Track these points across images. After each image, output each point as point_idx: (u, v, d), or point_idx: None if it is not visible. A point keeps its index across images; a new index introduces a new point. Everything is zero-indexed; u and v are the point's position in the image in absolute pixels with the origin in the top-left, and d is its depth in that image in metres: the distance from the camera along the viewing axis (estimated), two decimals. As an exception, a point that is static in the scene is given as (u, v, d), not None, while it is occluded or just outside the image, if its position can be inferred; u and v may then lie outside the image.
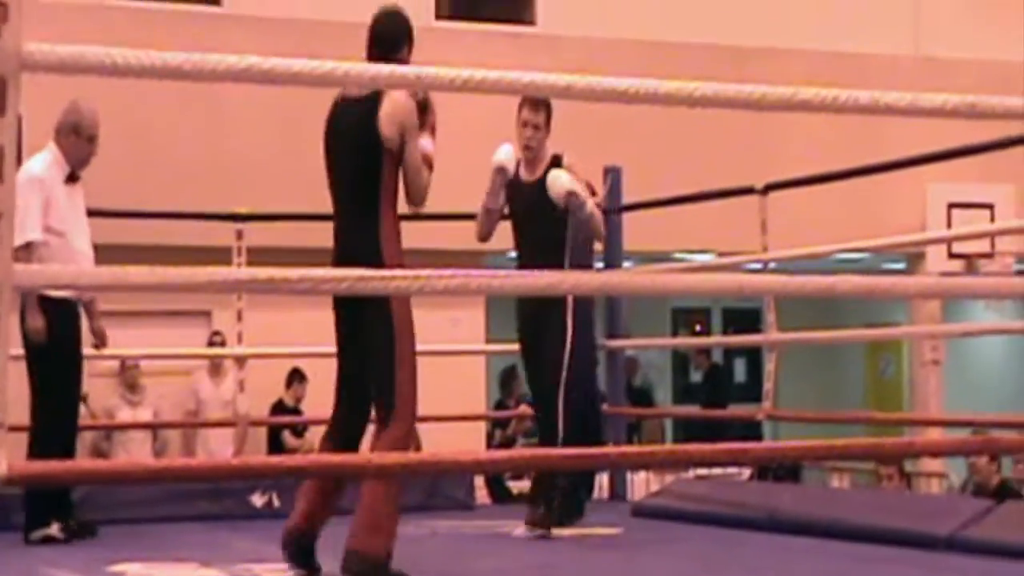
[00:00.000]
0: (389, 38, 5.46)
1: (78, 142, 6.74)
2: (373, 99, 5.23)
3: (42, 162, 6.77)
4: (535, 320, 6.78)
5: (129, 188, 11.50)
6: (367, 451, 5.39)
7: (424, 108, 5.49)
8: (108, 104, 11.80)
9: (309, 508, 5.24)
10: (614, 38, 13.58)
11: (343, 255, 5.19)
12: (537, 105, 6.72)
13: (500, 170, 6.83)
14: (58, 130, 6.78)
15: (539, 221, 6.78)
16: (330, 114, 5.43)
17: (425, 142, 5.40)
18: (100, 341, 7.02)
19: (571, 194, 6.62)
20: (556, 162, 6.86)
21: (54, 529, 6.52)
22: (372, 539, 5.08)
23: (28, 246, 6.48)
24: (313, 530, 5.25)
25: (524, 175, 6.91)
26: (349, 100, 5.33)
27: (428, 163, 5.42)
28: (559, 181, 6.66)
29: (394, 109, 5.20)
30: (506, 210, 7.00)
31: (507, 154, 6.86)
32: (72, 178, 6.78)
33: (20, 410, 6.36)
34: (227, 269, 3.02)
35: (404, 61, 5.38)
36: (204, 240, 9.21)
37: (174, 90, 10.58)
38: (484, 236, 7.08)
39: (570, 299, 6.50)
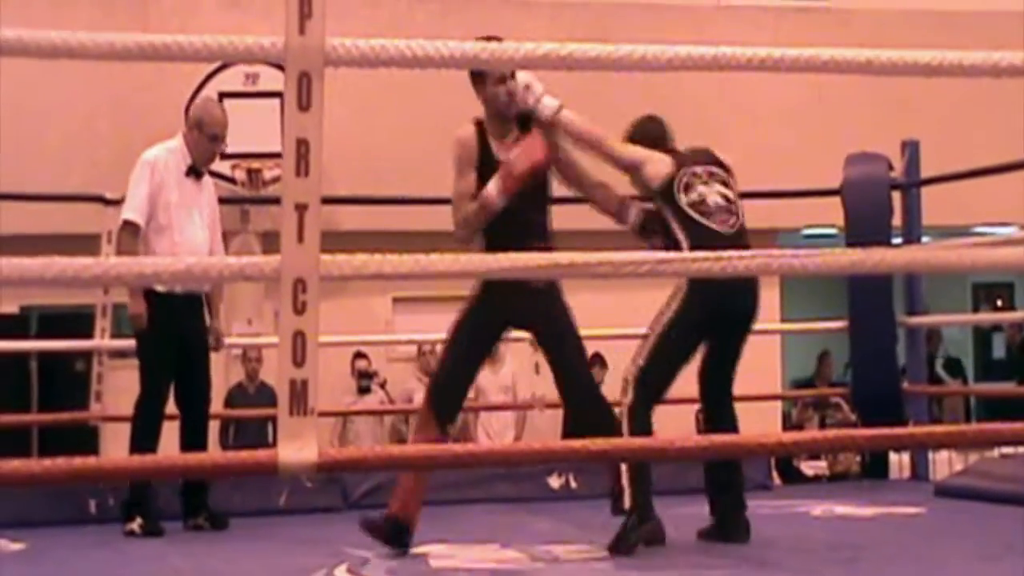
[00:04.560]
0: None
1: (200, 138, 6.71)
2: None
3: (161, 146, 6.74)
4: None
5: (421, 174, 11.72)
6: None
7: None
8: (402, 91, 12.15)
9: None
10: (906, 9, 13.27)
11: None
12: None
13: None
14: (187, 124, 6.82)
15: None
16: None
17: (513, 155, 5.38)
18: (216, 342, 6.86)
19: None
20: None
21: (135, 524, 6.51)
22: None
23: (129, 226, 6.56)
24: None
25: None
26: None
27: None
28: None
29: None
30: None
31: None
32: (194, 172, 6.73)
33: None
34: (528, 255, 3.05)
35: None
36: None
37: (453, 77, 10.72)
38: None
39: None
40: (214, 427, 10.54)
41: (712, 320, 5.66)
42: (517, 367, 11.29)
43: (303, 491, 7.39)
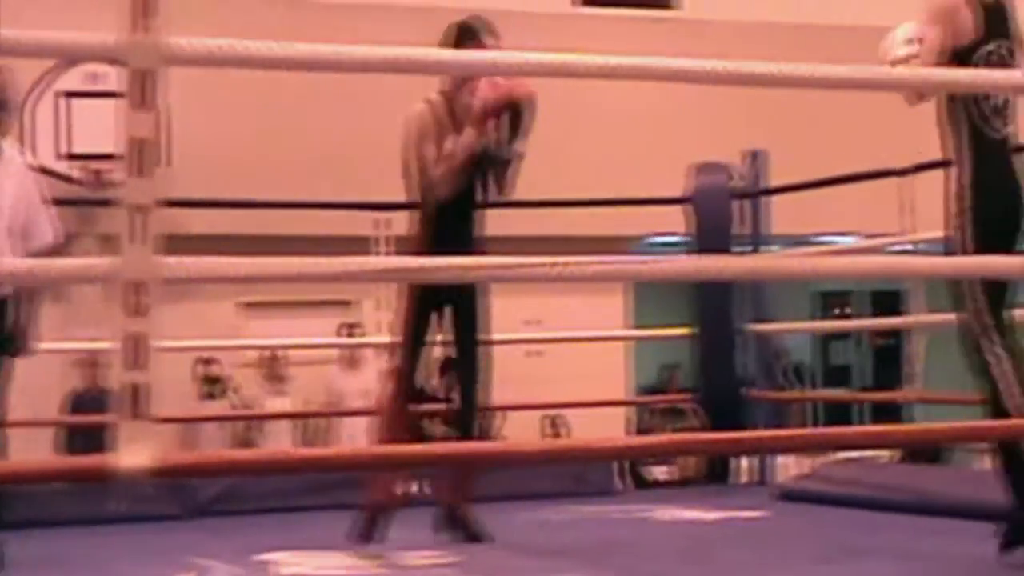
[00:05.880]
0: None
1: None
2: None
3: None
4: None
5: (271, 179, 11.64)
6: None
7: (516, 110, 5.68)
8: (250, 96, 12.03)
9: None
10: (759, 21, 13.44)
11: None
12: None
13: None
14: None
15: None
16: None
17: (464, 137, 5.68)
18: (20, 344, 5.95)
19: None
20: None
21: None
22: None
23: None
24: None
25: None
26: None
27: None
28: None
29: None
30: None
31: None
32: None
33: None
34: (375, 259, 3.04)
35: None
36: (345, 230, 9.27)
37: (315, 80, 10.66)
38: None
39: None
40: (56, 435, 10.42)
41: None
42: (376, 371, 11.22)
43: (146, 498, 7.26)
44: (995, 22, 5.04)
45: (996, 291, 4.88)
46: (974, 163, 4.97)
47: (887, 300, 18.34)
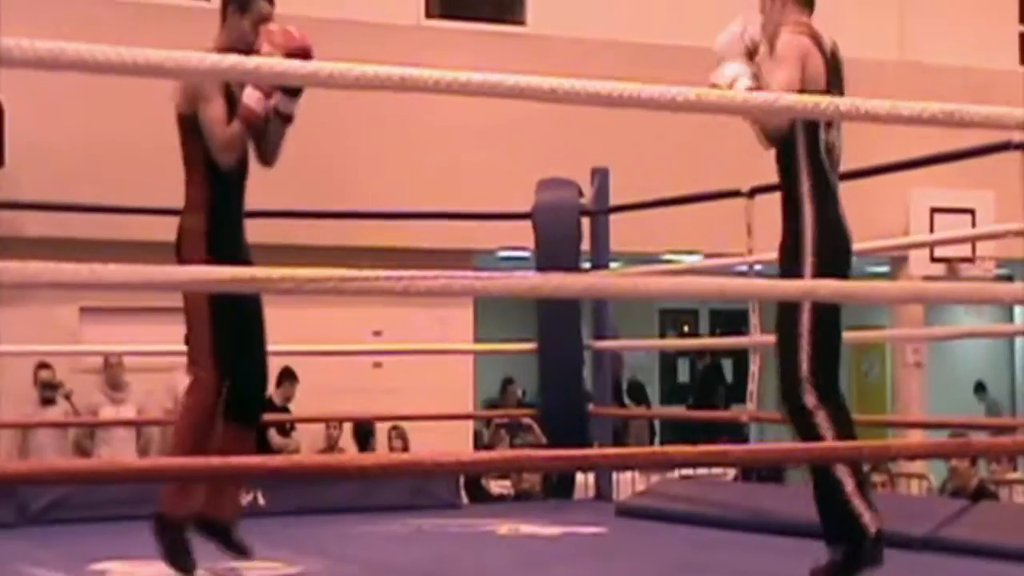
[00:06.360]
0: None
1: None
2: None
3: None
4: None
5: (113, 183, 11.48)
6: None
7: None
8: (90, 97, 11.85)
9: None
10: (604, 39, 13.57)
11: None
12: None
13: None
14: None
15: None
16: None
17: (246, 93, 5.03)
18: None
19: None
20: None
21: None
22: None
23: None
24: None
25: None
26: None
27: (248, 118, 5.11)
28: None
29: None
30: None
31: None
32: None
33: None
34: (209, 268, 3.02)
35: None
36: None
37: (156, 83, 10.53)
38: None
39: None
40: None
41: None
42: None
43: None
44: (834, 73, 5.13)
45: (826, 339, 4.84)
46: (816, 208, 4.99)
47: (725, 319, 18.66)
